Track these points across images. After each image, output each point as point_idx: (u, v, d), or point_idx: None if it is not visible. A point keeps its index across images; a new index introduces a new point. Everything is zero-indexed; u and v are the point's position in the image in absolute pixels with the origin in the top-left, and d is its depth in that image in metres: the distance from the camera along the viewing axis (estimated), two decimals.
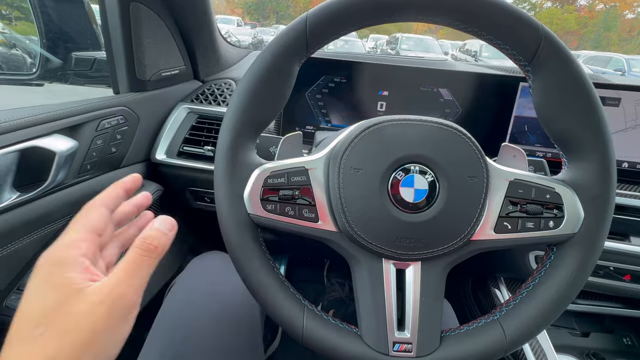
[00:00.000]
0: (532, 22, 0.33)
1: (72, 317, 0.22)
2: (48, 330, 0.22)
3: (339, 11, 0.34)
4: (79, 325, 0.22)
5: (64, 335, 0.22)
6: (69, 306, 0.22)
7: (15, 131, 0.47)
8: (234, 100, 0.36)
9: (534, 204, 0.35)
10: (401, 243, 0.34)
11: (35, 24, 0.80)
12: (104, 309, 0.23)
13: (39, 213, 0.51)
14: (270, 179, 0.36)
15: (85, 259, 0.25)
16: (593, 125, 0.34)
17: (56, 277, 0.23)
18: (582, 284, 0.35)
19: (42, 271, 0.24)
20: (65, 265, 0.24)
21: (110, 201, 0.31)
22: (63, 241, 0.25)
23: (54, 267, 0.24)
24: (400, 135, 0.35)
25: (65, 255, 0.25)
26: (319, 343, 0.35)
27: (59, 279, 0.23)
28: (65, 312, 0.22)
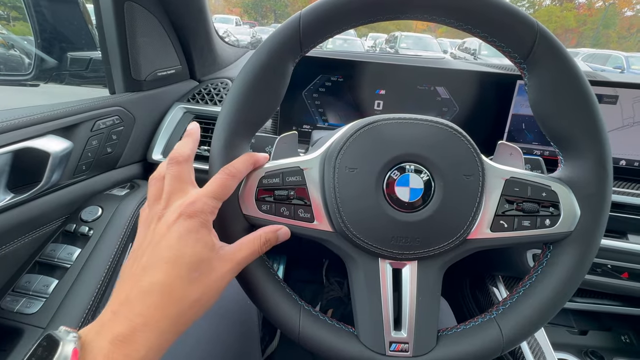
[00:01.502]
0: (527, 20, 0.33)
1: (211, 273, 0.28)
2: (200, 277, 0.27)
3: (333, 10, 0.34)
4: (213, 282, 0.28)
5: (202, 281, 0.27)
6: (212, 263, 0.28)
7: (9, 132, 0.46)
8: (228, 99, 0.36)
9: (530, 202, 0.35)
10: (397, 242, 0.34)
11: (30, 24, 0.80)
12: (230, 275, 0.30)
13: (33, 214, 0.51)
14: (265, 179, 0.35)
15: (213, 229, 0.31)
16: (588, 123, 0.34)
17: (204, 232, 0.29)
18: (579, 282, 0.35)
19: (193, 222, 0.28)
20: (209, 227, 0.30)
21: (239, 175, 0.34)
22: (207, 205, 0.30)
23: (203, 224, 0.29)
24: (395, 135, 0.35)
25: (209, 220, 0.30)
26: (315, 343, 0.35)
27: (206, 235, 0.29)
28: (208, 267, 0.28)
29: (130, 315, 0.24)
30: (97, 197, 0.61)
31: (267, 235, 0.33)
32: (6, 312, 0.47)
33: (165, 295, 0.25)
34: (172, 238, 0.27)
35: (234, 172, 0.33)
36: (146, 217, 0.31)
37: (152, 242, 0.28)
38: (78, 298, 0.48)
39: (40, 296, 0.48)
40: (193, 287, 0.27)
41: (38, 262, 0.52)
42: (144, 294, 0.25)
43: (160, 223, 0.29)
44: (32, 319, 0.46)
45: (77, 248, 0.53)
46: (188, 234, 0.28)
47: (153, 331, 0.24)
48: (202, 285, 0.27)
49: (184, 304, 0.26)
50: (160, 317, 0.25)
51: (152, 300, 0.25)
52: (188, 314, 0.27)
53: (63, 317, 0.47)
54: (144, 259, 0.27)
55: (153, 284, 0.25)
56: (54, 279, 0.50)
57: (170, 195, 0.30)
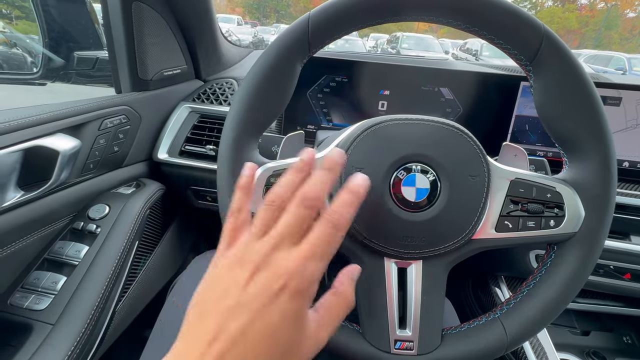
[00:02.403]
0: (533, 22, 0.34)
1: (300, 353, 0.24)
2: (287, 357, 0.23)
3: (341, 11, 0.35)
4: (300, 357, 0.24)
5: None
6: (301, 343, 0.24)
7: (19, 130, 0.47)
8: (237, 99, 0.37)
9: (534, 203, 0.35)
10: (403, 242, 0.34)
11: (37, 23, 0.80)
12: (314, 350, 0.25)
13: (42, 212, 0.52)
14: (272, 178, 0.36)
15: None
16: (594, 125, 0.34)
17: (303, 312, 0.24)
18: (582, 283, 0.35)
19: (298, 302, 0.23)
20: (309, 301, 0.25)
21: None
22: (314, 273, 0.24)
23: (306, 301, 0.24)
24: (402, 135, 0.35)
25: (313, 292, 0.25)
26: None
27: (304, 315, 0.24)
28: (299, 346, 0.24)
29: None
30: (104, 196, 0.62)
31: (344, 292, 0.28)
32: (16, 308, 0.48)
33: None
34: (274, 316, 0.22)
35: (339, 222, 0.26)
36: (238, 247, 0.26)
37: (250, 306, 0.23)
38: (86, 295, 0.49)
39: (49, 293, 0.49)
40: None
41: (47, 259, 0.53)
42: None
43: (260, 283, 0.23)
44: (41, 315, 0.47)
45: (85, 245, 0.54)
46: (290, 316, 0.23)
47: None
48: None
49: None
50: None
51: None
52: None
53: (72, 314, 0.47)
54: (237, 322, 0.22)
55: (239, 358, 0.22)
56: (63, 276, 0.51)
57: (280, 242, 0.25)
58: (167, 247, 0.76)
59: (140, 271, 0.66)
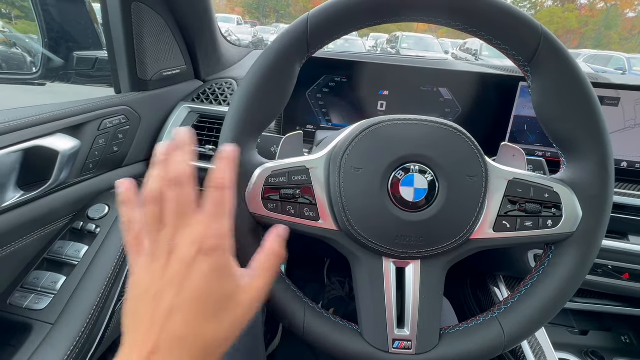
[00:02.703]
0: (531, 22, 0.34)
1: (236, 307, 0.27)
2: (228, 314, 0.26)
3: (340, 12, 0.35)
4: (239, 314, 0.27)
5: (227, 321, 0.26)
6: (236, 297, 0.27)
7: (19, 131, 0.47)
8: (236, 99, 0.37)
9: (532, 203, 0.35)
10: (401, 242, 0.34)
11: (37, 23, 0.80)
12: (255, 302, 0.28)
13: (42, 212, 0.52)
14: (271, 178, 0.36)
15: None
16: (591, 125, 0.34)
17: (227, 266, 0.27)
18: (580, 282, 0.35)
19: (214, 258, 0.26)
20: (230, 255, 0.27)
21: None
22: (220, 229, 0.27)
23: (224, 255, 0.27)
24: (400, 135, 0.35)
25: (229, 246, 0.27)
26: (320, 340, 0.36)
27: (229, 268, 0.27)
28: (233, 302, 0.26)
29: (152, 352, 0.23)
30: (104, 195, 0.62)
31: (273, 248, 0.31)
32: (15, 307, 0.48)
33: (198, 340, 0.24)
34: (197, 279, 0.25)
35: (222, 183, 0.29)
36: (148, 246, 0.27)
37: (172, 283, 0.25)
38: (86, 294, 0.49)
39: (49, 292, 0.49)
40: (222, 326, 0.26)
41: (46, 259, 0.53)
42: (176, 340, 0.24)
43: (176, 260, 0.25)
44: (41, 315, 0.47)
45: (84, 245, 0.54)
46: (212, 272, 0.25)
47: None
48: (231, 322, 0.26)
49: (215, 343, 0.25)
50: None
51: (185, 346, 0.24)
52: (218, 352, 0.26)
53: (71, 313, 0.47)
54: (166, 302, 0.24)
55: (182, 329, 0.24)
56: (62, 276, 0.51)
57: (177, 223, 0.26)
58: None
59: None
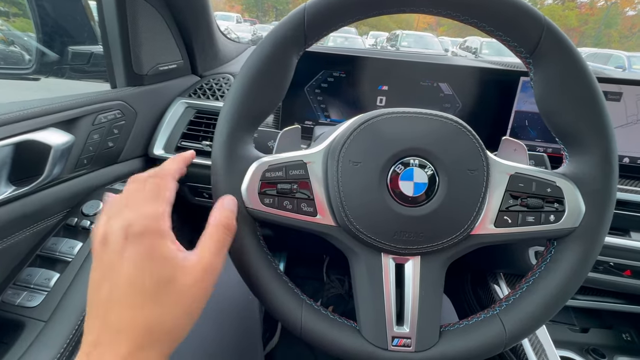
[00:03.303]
0: (534, 13, 0.33)
1: (178, 289, 0.24)
2: (171, 298, 0.24)
3: (337, 2, 0.34)
4: (184, 297, 0.24)
5: (171, 305, 0.24)
6: (176, 279, 0.24)
7: (10, 124, 0.46)
8: (232, 92, 0.36)
9: (534, 198, 0.35)
10: (400, 237, 0.34)
11: (31, 17, 0.79)
12: (204, 282, 0.26)
13: (34, 207, 0.51)
14: (268, 173, 0.35)
15: (172, 232, 0.26)
16: (595, 118, 0.33)
17: (160, 248, 0.25)
18: (582, 279, 0.35)
19: (143, 242, 0.24)
20: (164, 237, 0.25)
21: (177, 174, 0.32)
22: (149, 213, 0.26)
23: (156, 238, 0.25)
24: (400, 128, 0.34)
25: (162, 228, 0.25)
26: (318, 337, 0.35)
27: (162, 250, 0.25)
28: (173, 284, 0.24)
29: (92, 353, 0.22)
30: (99, 192, 0.61)
31: (221, 214, 0.30)
32: (7, 305, 0.47)
33: (140, 328, 0.23)
34: (127, 266, 0.24)
35: (160, 172, 0.30)
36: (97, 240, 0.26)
37: (106, 273, 0.24)
38: (80, 292, 0.48)
39: (42, 290, 0.48)
40: (166, 311, 0.24)
41: (39, 256, 0.52)
42: (115, 333, 0.23)
43: (108, 249, 0.25)
44: (34, 312, 0.46)
45: (78, 242, 0.53)
46: (143, 257, 0.24)
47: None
48: (176, 306, 0.24)
49: (161, 329, 0.24)
50: (138, 353, 0.22)
51: (125, 339, 0.22)
52: (170, 337, 0.24)
53: (65, 311, 0.46)
54: (103, 293, 0.24)
55: (120, 321, 0.23)
56: (56, 273, 0.50)
57: (112, 213, 0.26)
58: None
59: None
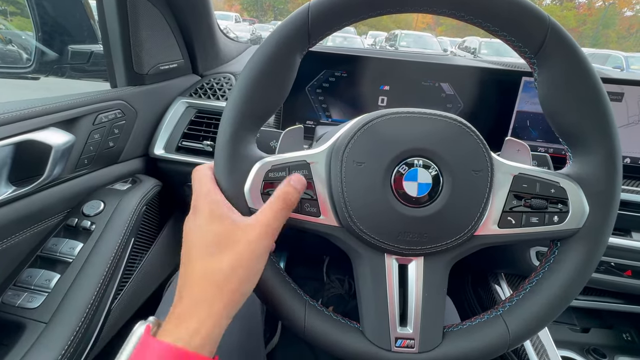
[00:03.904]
0: (538, 13, 0.33)
1: (233, 241, 0.30)
2: (220, 249, 0.29)
3: (342, 1, 0.34)
4: (237, 247, 0.29)
5: (229, 253, 0.29)
6: (231, 233, 0.30)
7: (11, 124, 0.46)
8: (235, 92, 0.36)
9: (538, 199, 0.34)
10: (404, 238, 0.33)
11: (30, 16, 0.79)
12: (259, 241, 0.30)
13: (35, 208, 0.51)
14: (271, 173, 0.35)
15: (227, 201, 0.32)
16: (599, 119, 0.33)
17: (218, 210, 0.31)
18: (586, 279, 0.34)
19: (205, 208, 0.31)
20: (220, 203, 0.32)
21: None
22: (205, 189, 0.33)
23: (213, 204, 0.31)
24: (404, 129, 0.34)
25: (217, 197, 0.32)
26: (321, 338, 0.35)
27: (220, 212, 0.31)
28: (228, 237, 0.30)
29: (181, 298, 0.28)
30: (99, 192, 0.61)
31: (284, 189, 0.33)
32: (8, 306, 0.47)
33: (197, 275, 0.29)
34: (194, 228, 0.31)
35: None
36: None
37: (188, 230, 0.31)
38: (80, 293, 0.48)
39: (42, 291, 0.48)
40: (219, 259, 0.29)
41: (40, 257, 0.52)
42: (184, 279, 0.29)
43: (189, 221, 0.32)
44: (34, 314, 0.46)
45: (79, 242, 0.53)
46: (204, 220, 0.31)
47: (200, 307, 0.27)
48: (230, 256, 0.29)
49: (218, 277, 0.28)
50: (201, 295, 0.28)
51: (191, 282, 0.28)
52: (229, 286, 0.29)
53: (65, 312, 0.46)
54: (183, 251, 0.31)
55: (186, 269, 0.29)
56: (56, 274, 0.50)
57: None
58: (164, 244, 0.75)
59: (136, 269, 0.65)
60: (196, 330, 0.26)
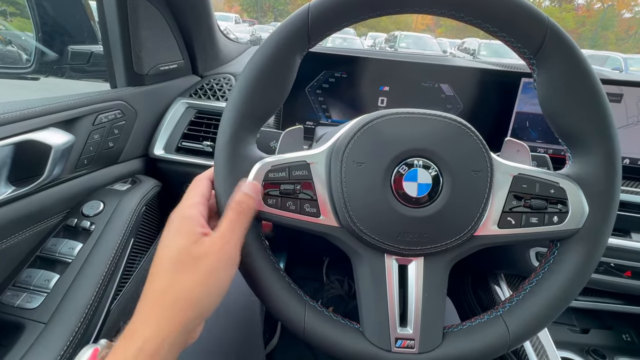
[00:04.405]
0: (538, 14, 0.33)
1: (193, 258, 0.29)
2: (179, 267, 0.29)
3: (342, 2, 0.34)
4: (197, 265, 0.29)
5: (188, 271, 0.29)
6: (191, 250, 0.30)
7: (10, 124, 0.46)
8: (235, 92, 0.36)
9: (538, 199, 0.35)
10: (404, 238, 0.34)
11: (30, 16, 0.79)
12: (213, 255, 0.30)
13: (34, 208, 0.51)
14: (271, 173, 0.35)
15: (201, 217, 0.32)
16: (598, 119, 0.33)
17: (184, 227, 0.31)
18: (586, 280, 0.35)
19: (175, 223, 0.31)
20: (190, 219, 0.32)
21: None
22: (186, 203, 0.33)
23: (183, 220, 0.31)
24: (404, 129, 0.34)
25: (189, 213, 0.32)
26: (321, 339, 0.35)
27: (186, 228, 0.31)
28: (189, 254, 0.29)
29: (136, 312, 0.28)
30: (99, 192, 0.61)
31: (236, 198, 0.33)
32: (7, 307, 0.47)
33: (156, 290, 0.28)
34: (164, 241, 0.31)
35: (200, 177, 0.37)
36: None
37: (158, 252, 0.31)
38: (80, 293, 0.48)
39: (42, 291, 0.48)
40: (180, 276, 0.28)
41: (39, 257, 0.52)
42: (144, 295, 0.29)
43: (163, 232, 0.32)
44: (33, 314, 0.46)
45: (78, 243, 0.53)
46: (172, 234, 0.31)
47: (149, 325, 0.27)
48: (190, 274, 0.29)
49: (172, 294, 0.28)
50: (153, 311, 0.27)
51: (147, 298, 0.28)
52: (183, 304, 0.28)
53: (64, 312, 0.46)
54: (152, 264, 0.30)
55: (149, 283, 0.29)
56: (56, 274, 0.49)
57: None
58: None
59: (136, 269, 0.65)
60: (140, 349, 0.25)
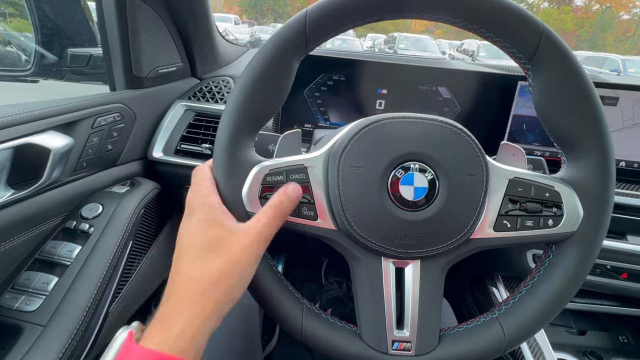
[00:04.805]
0: (532, 20, 0.33)
1: (225, 246, 0.30)
2: (210, 256, 0.29)
3: (338, 7, 0.34)
4: (229, 253, 0.30)
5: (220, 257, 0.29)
6: (223, 238, 0.30)
7: (10, 127, 0.46)
8: (233, 96, 0.36)
9: (533, 203, 0.35)
10: (400, 241, 0.34)
11: (30, 19, 0.79)
12: (251, 248, 0.30)
13: (33, 211, 0.51)
14: (269, 177, 0.35)
15: (222, 205, 0.33)
16: (593, 124, 0.34)
17: (211, 215, 0.31)
18: (581, 282, 0.35)
19: (198, 212, 0.32)
20: (212, 207, 0.32)
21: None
22: (203, 191, 0.33)
23: (204, 207, 0.32)
24: (400, 133, 0.35)
25: (210, 201, 0.32)
26: (318, 341, 0.35)
27: (213, 216, 0.31)
28: (221, 241, 0.30)
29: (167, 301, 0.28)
30: (98, 195, 0.61)
31: (278, 198, 0.33)
32: (5, 309, 0.47)
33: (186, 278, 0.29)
34: (188, 230, 0.31)
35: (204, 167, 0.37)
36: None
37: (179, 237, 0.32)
38: (78, 296, 0.48)
39: (40, 294, 0.48)
40: (209, 264, 0.29)
41: (38, 260, 0.52)
42: (173, 281, 0.29)
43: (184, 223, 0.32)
44: (32, 317, 0.46)
45: (77, 245, 0.53)
46: (198, 223, 0.31)
47: (186, 310, 0.27)
48: (220, 262, 0.29)
49: (206, 281, 0.28)
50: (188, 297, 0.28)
51: (179, 285, 0.29)
52: (218, 290, 0.29)
53: (63, 315, 0.46)
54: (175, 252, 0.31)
55: (176, 271, 0.30)
56: (54, 277, 0.50)
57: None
58: (162, 247, 0.75)
59: (134, 272, 0.65)
60: (180, 333, 0.26)
